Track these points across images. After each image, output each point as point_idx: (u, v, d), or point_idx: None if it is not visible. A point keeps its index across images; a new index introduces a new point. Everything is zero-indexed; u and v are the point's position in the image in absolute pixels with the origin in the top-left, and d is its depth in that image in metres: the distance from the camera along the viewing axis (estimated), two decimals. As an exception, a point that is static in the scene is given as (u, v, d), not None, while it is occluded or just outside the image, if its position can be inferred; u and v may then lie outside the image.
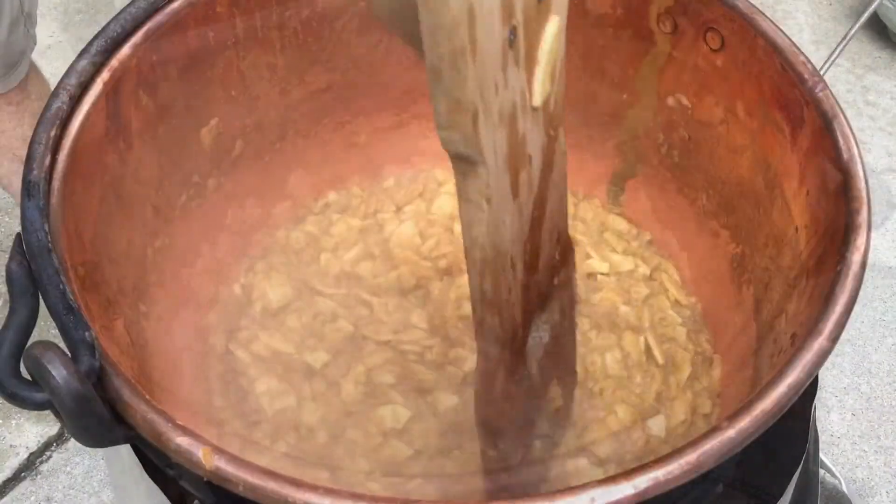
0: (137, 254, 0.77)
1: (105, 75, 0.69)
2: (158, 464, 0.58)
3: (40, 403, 0.50)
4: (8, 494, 1.34)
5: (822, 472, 1.22)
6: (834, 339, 0.55)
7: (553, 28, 0.52)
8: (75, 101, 0.67)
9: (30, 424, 1.40)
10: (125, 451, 0.69)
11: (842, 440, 1.35)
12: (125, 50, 0.71)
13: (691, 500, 0.68)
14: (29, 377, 0.51)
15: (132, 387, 0.53)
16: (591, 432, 0.81)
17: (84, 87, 0.68)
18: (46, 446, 1.39)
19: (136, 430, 0.52)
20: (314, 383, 0.86)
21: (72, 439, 1.39)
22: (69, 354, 0.51)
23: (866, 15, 0.95)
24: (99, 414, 0.51)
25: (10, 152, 1.23)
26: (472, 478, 0.74)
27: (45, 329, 1.30)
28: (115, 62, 0.70)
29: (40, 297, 0.55)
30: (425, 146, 0.99)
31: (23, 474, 1.36)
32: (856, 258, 0.59)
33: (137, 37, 0.72)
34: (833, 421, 1.37)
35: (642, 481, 0.49)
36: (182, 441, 0.51)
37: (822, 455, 1.21)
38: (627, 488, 0.49)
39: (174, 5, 0.74)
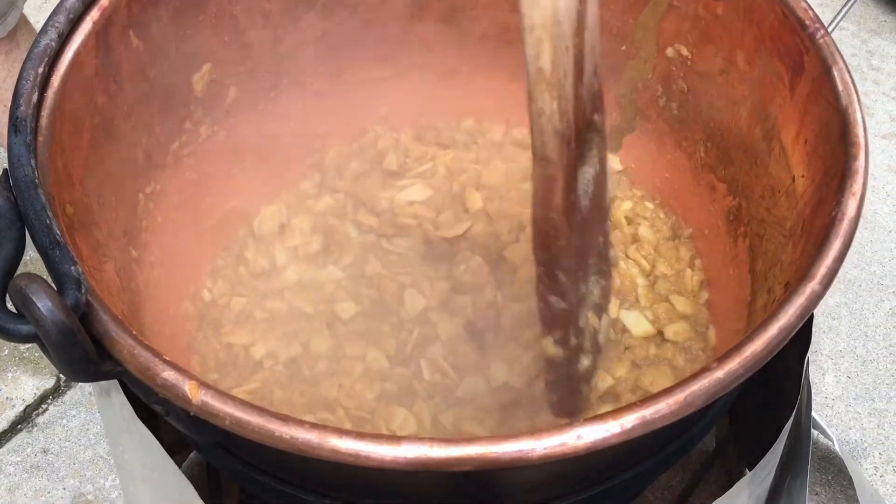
0: (129, 198, 0.77)
1: (95, 14, 0.68)
2: (146, 401, 0.58)
3: (26, 336, 0.49)
4: (4, 446, 1.35)
5: (815, 432, 1.22)
6: (826, 283, 0.55)
7: None
8: (64, 38, 0.66)
9: (26, 377, 1.40)
10: (116, 397, 0.69)
11: (836, 402, 1.35)
12: (115, -12, 0.70)
13: (678, 449, 0.68)
14: (14, 310, 0.50)
15: (119, 322, 0.53)
16: None
17: (73, 25, 0.67)
18: (43, 399, 1.39)
19: (123, 364, 0.52)
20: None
21: (68, 392, 1.40)
22: (55, 288, 0.51)
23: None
24: (84, 347, 0.50)
25: (2, 104, 1.21)
26: None
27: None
28: (104, 0, 0.69)
29: (27, 232, 0.55)
30: (425, 97, 0.98)
31: (19, 426, 1.37)
32: (851, 203, 0.58)
33: (128, -25, 0.71)
34: (828, 383, 1.37)
35: (629, 420, 0.49)
36: (169, 375, 0.50)
37: (815, 416, 1.21)
38: (614, 426, 0.48)
39: (165, -56, 0.73)
